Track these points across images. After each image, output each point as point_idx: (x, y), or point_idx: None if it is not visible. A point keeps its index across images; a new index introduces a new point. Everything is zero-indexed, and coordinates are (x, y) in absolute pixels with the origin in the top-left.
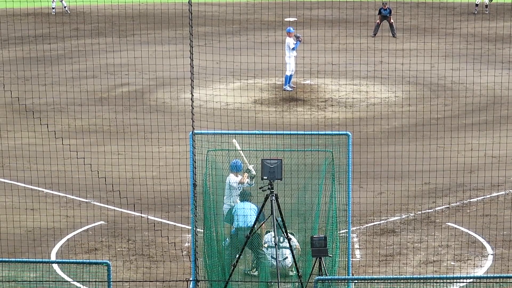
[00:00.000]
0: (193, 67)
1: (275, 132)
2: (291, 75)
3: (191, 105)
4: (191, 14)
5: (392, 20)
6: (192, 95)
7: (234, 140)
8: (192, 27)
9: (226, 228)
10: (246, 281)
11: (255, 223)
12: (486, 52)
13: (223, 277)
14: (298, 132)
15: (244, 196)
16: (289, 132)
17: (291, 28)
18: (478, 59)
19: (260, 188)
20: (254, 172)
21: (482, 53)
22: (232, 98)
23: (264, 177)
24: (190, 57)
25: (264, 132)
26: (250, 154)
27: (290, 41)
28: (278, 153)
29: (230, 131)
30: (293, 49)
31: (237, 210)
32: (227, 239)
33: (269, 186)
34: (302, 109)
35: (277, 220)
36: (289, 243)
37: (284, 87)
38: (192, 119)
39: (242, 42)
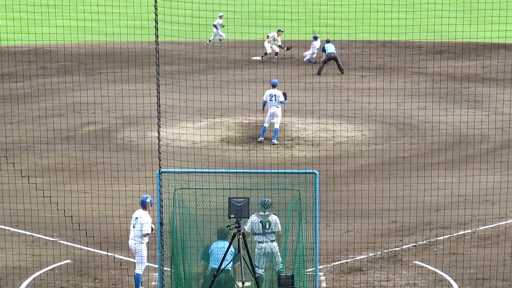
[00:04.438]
0: (160, 106)
1: (242, 170)
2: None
3: (158, 144)
4: (158, 53)
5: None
6: (159, 134)
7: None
8: (159, 66)
9: (201, 267)
10: None
11: (219, 261)
12: (452, 91)
13: None
14: (265, 170)
15: (222, 235)
16: (256, 170)
17: (276, 80)
18: (445, 98)
19: (227, 227)
20: None
21: (448, 92)
22: (199, 136)
23: (231, 216)
24: (157, 96)
25: (231, 170)
26: (217, 192)
27: (279, 94)
28: (245, 192)
29: (197, 170)
30: (282, 102)
31: (213, 249)
32: (201, 280)
33: (236, 225)
34: (269, 148)
35: (244, 259)
36: (257, 281)
37: (272, 140)
38: (159, 157)
39: (209, 81)
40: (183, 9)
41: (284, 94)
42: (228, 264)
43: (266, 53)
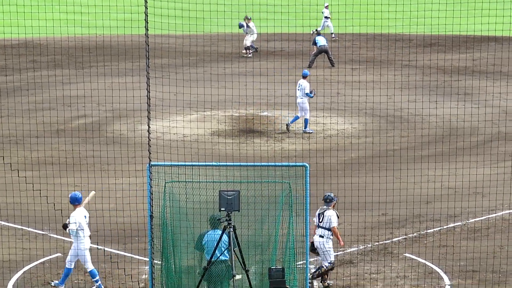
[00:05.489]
0: (150, 99)
1: (232, 163)
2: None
3: (148, 137)
4: (148, 46)
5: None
6: (149, 127)
7: (93, 192)
8: (149, 59)
9: (194, 258)
10: None
11: (212, 252)
12: (442, 84)
13: None
14: (256, 163)
15: (214, 224)
16: (246, 163)
17: (308, 72)
18: (435, 90)
19: (218, 220)
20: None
21: (438, 85)
22: (190, 129)
23: (222, 209)
24: (147, 89)
25: (221, 163)
26: (207, 185)
27: (306, 86)
28: (236, 185)
29: (187, 163)
30: (307, 94)
31: (208, 241)
32: (197, 270)
33: (227, 218)
34: (260, 141)
35: (235, 252)
36: (247, 274)
37: (305, 129)
38: (149, 150)
39: (199, 74)
40: (173, 1)
41: (310, 91)
42: (221, 254)
43: (253, 47)
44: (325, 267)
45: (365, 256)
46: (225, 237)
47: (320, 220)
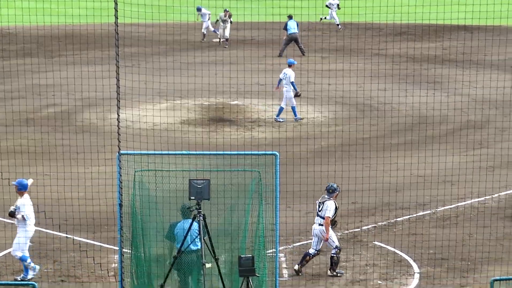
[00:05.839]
0: (119, 87)
1: (202, 152)
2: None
3: (117, 126)
4: (117, 34)
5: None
6: (118, 115)
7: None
8: (118, 48)
9: (164, 248)
10: None
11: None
12: (412, 72)
13: None
14: (226, 152)
15: (186, 213)
16: (217, 152)
17: (293, 60)
18: (405, 79)
19: (187, 209)
20: None
21: (408, 73)
22: (160, 118)
23: (192, 198)
24: (116, 78)
25: (192, 152)
26: (177, 174)
27: (291, 74)
28: (206, 173)
29: (157, 152)
30: (292, 83)
31: (179, 231)
32: (168, 261)
33: (197, 206)
34: (230, 130)
35: (204, 241)
36: (217, 263)
37: (295, 117)
38: (118, 139)
39: (169, 62)
40: None
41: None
42: (191, 243)
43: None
44: (335, 256)
45: None
46: (196, 226)
47: (320, 209)
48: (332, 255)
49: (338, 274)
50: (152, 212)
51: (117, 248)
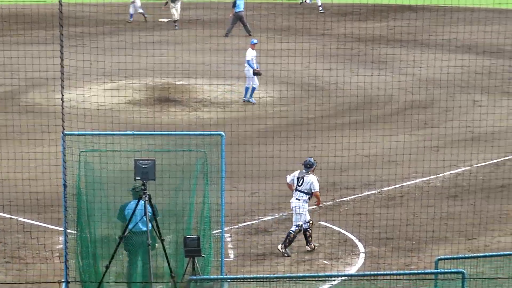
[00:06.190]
0: (63, 67)
1: (148, 132)
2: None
3: (62, 106)
4: (62, 13)
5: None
6: (63, 95)
7: None
8: (62, 27)
9: (118, 227)
10: (118, 281)
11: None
12: (358, 52)
13: (96, 278)
14: (172, 132)
15: (136, 194)
16: (162, 132)
17: (254, 40)
18: (350, 59)
19: (133, 189)
20: None
21: (354, 53)
22: (106, 98)
23: (137, 178)
24: (60, 57)
25: (137, 132)
26: (122, 154)
27: (248, 54)
28: (151, 154)
29: (103, 132)
30: (247, 62)
31: (129, 211)
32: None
33: (142, 187)
34: (175, 109)
35: (150, 221)
36: (163, 243)
37: (249, 98)
38: (62, 119)
39: (114, 42)
40: None
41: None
42: (138, 223)
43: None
44: (293, 233)
45: (280, 225)
46: (148, 207)
47: (300, 184)
48: (290, 231)
49: (285, 254)
50: (97, 193)
51: (62, 229)
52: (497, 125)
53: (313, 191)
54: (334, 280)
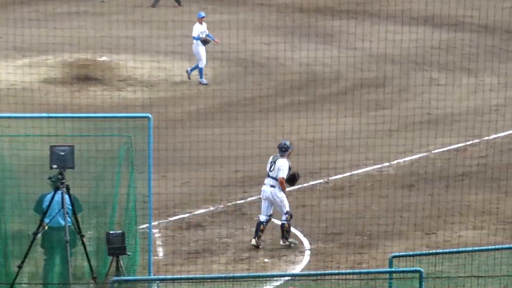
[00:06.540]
0: None
1: (66, 115)
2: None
3: None
4: None
5: None
6: None
7: None
8: None
9: (32, 222)
10: (32, 282)
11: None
12: (301, 24)
13: (7, 280)
14: (92, 114)
15: (54, 184)
16: (81, 115)
17: (201, 13)
18: (292, 32)
19: (49, 179)
20: None
21: (296, 25)
22: (17, 76)
23: (54, 166)
24: None
25: (53, 115)
26: (36, 140)
27: (194, 28)
28: (69, 139)
29: (14, 114)
30: (193, 37)
31: (47, 203)
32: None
33: (60, 176)
34: (96, 89)
35: (68, 214)
36: (82, 240)
37: (200, 80)
38: None
39: (27, 13)
40: None
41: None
42: (52, 219)
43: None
44: (286, 223)
45: (215, 218)
46: (67, 199)
47: (271, 169)
48: (283, 222)
49: (292, 245)
50: (8, 183)
51: None
52: (457, 106)
53: (277, 176)
54: (276, 280)
